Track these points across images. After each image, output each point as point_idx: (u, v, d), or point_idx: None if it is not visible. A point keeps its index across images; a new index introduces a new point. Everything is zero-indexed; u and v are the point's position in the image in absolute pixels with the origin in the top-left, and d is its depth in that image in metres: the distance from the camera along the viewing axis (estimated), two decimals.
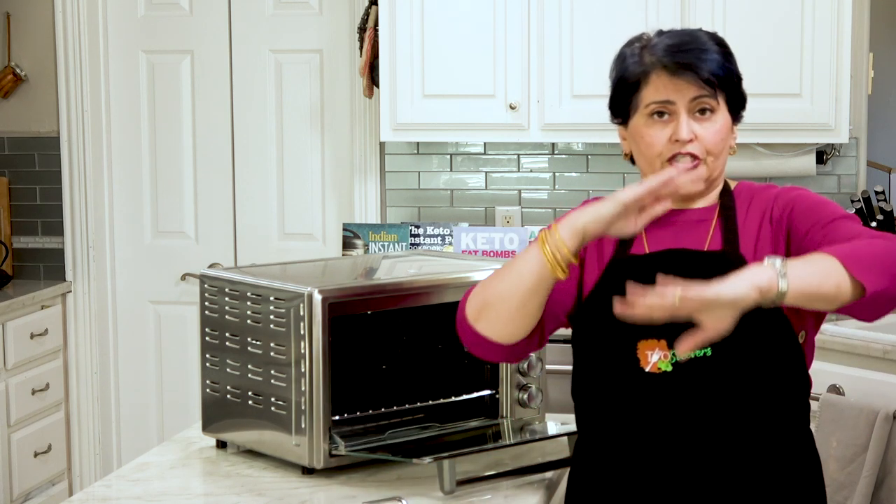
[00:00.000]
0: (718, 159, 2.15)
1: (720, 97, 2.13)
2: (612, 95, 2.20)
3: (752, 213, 2.17)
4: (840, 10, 4.06)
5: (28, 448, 4.63)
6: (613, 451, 2.18)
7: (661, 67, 2.11)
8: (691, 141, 2.10)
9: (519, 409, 2.64)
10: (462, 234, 4.49)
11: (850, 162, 4.47)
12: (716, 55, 2.12)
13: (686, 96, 2.10)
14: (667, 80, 2.10)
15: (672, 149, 2.11)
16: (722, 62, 2.13)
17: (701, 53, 2.11)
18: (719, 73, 2.11)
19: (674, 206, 2.17)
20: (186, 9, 4.92)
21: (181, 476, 2.47)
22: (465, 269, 2.65)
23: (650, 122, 2.13)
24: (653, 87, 2.12)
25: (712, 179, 2.16)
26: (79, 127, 4.91)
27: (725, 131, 2.14)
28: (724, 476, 2.12)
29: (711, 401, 2.10)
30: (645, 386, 2.11)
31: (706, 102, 2.11)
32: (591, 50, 4.20)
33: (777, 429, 2.15)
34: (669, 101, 2.11)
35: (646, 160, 2.16)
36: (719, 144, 2.13)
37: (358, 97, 4.69)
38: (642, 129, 2.14)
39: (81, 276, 4.95)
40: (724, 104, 2.14)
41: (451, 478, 2.29)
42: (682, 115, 2.11)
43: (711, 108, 2.12)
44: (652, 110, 2.12)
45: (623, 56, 2.17)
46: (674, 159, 2.11)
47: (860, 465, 3.35)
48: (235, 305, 2.53)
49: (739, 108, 2.18)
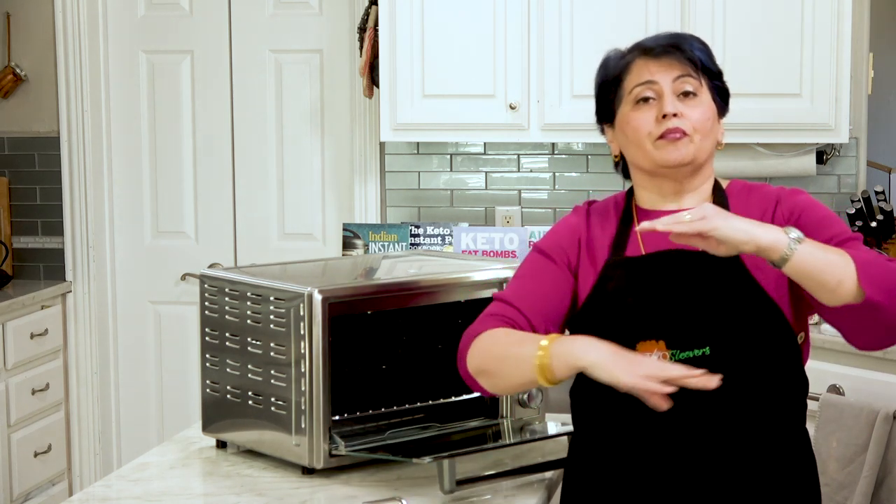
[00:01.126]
0: (706, 139, 2.16)
1: (703, 81, 2.16)
2: (597, 98, 2.25)
3: (748, 211, 2.17)
4: (840, 10, 4.06)
5: (28, 448, 4.63)
6: (610, 451, 2.19)
7: (643, 53, 2.17)
8: (677, 115, 2.13)
9: (519, 409, 2.64)
10: (462, 234, 4.49)
11: (850, 162, 4.46)
12: (697, 45, 2.18)
13: (669, 75, 2.14)
14: (649, 62, 2.16)
15: (660, 127, 2.14)
16: (703, 51, 2.18)
17: (681, 40, 2.18)
18: (701, 56, 2.16)
19: (667, 207, 2.18)
20: (186, 9, 4.92)
21: (181, 476, 2.47)
22: (465, 269, 2.66)
23: (636, 107, 2.17)
24: (636, 73, 2.17)
25: (699, 162, 2.17)
26: (79, 127, 4.91)
27: (710, 114, 2.17)
28: (719, 476, 2.12)
29: (709, 400, 2.10)
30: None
31: (689, 82, 2.15)
32: (591, 50, 4.16)
33: (774, 428, 2.15)
34: (653, 81, 2.15)
35: (635, 146, 2.17)
36: (706, 124, 2.15)
37: (358, 97, 4.69)
38: (628, 115, 2.17)
39: (81, 276, 4.95)
40: (707, 91, 2.17)
41: (451, 478, 2.29)
42: (666, 93, 2.14)
43: (695, 92, 2.15)
44: (637, 95, 2.16)
45: (605, 59, 2.24)
46: (663, 137, 2.13)
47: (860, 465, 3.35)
48: (235, 305, 2.53)
49: (723, 100, 2.21)
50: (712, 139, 2.18)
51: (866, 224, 4.29)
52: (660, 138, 2.13)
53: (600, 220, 2.24)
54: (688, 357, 2.09)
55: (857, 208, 4.29)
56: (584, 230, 2.24)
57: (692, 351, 2.09)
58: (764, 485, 2.13)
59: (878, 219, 4.29)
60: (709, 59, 2.19)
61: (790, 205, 2.17)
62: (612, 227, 2.22)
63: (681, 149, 2.13)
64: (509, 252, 4.44)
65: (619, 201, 2.27)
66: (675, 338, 2.10)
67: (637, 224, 2.19)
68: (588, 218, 2.25)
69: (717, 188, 2.22)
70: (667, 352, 2.10)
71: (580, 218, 2.26)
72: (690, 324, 2.10)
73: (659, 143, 2.14)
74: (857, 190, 4.42)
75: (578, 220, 2.26)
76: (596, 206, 2.28)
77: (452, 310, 2.64)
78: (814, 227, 2.11)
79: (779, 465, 2.15)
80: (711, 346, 2.09)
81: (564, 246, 2.23)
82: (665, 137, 2.13)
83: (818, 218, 2.14)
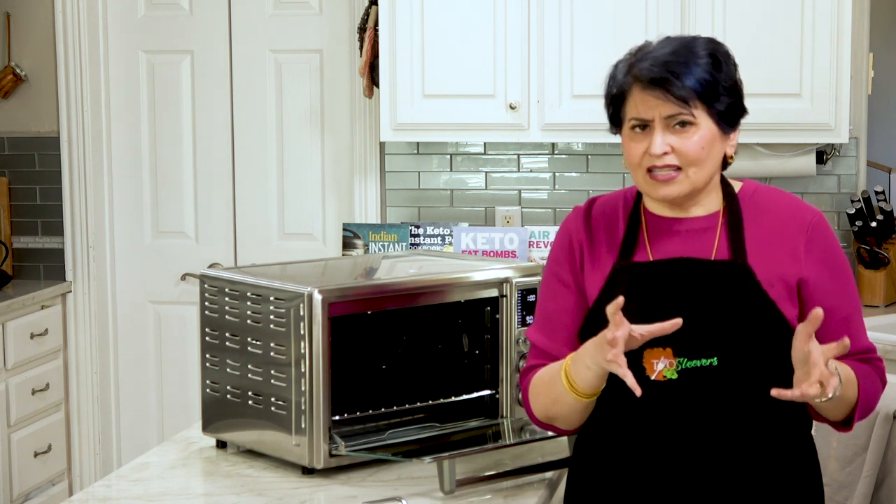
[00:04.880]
0: (702, 169, 2.12)
1: (700, 110, 2.09)
2: (607, 107, 2.21)
3: (765, 221, 2.15)
4: (840, 10, 4.05)
5: (28, 448, 4.63)
6: (615, 455, 2.18)
7: (637, 83, 2.11)
8: (666, 154, 2.10)
9: (519, 409, 2.64)
10: (462, 234, 4.49)
11: (850, 162, 4.46)
12: (700, 69, 2.09)
13: (661, 113, 2.09)
14: (642, 96, 2.10)
15: (648, 161, 2.11)
16: (704, 76, 2.09)
17: (682, 68, 2.08)
18: (697, 88, 2.08)
19: (675, 215, 2.17)
20: (186, 9, 4.92)
21: (181, 476, 2.47)
22: (465, 269, 2.65)
23: (632, 134, 2.14)
24: (632, 103, 2.12)
25: (698, 189, 2.15)
26: (79, 127, 4.90)
27: (707, 142, 2.11)
28: (726, 482, 2.12)
29: (716, 409, 2.10)
30: (650, 394, 2.09)
31: (682, 117, 2.10)
32: (591, 50, 4.20)
33: (780, 436, 2.15)
34: (644, 119, 2.11)
35: (632, 170, 2.17)
36: (700, 154, 2.10)
37: (358, 97, 4.69)
38: (626, 140, 2.16)
39: (81, 276, 4.95)
40: (706, 116, 2.10)
41: (451, 478, 2.29)
42: (657, 130, 2.10)
43: (690, 122, 2.10)
44: (632, 125, 2.13)
45: (614, 68, 2.18)
46: (651, 172, 2.11)
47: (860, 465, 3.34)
48: (235, 305, 2.53)
49: (732, 116, 2.15)
50: (712, 164, 2.14)
51: (866, 224, 4.30)
52: (649, 173, 2.11)
53: (606, 220, 2.22)
54: (695, 366, 2.09)
55: (857, 208, 4.29)
56: (584, 233, 2.22)
57: (700, 360, 2.09)
58: (769, 491, 2.13)
59: (878, 219, 4.29)
60: (708, 82, 2.10)
61: (820, 251, 2.16)
62: (619, 228, 2.20)
63: (673, 186, 2.11)
64: (509, 252, 4.44)
65: (628, 200, 2.24)
66: (682, 346, 2.08)
67: (646, 229, 2.18)
68: (588, 220, 2.23)
69: (729, 196, 2.19)
70: (674, 359, 2.09)
71: (578, 222, 2.24)
72: (699, 333, 2.08)
73: (650, 179, 2.12)
74: (857, 190, 4.42)
75: (576, 224, 2.24)
76: (601, 203, 2.25)
77: (452, 310, 2.64)
78: (834, 287, 2.14)
79: (784, 472, 2.15)
80: (719, 356, 2.08)
81: (566, 261, 2.23)
82: (655, 176, 2.11)
83: (838, 286, 2.16)
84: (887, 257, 4.29)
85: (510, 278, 2.62)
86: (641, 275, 2.13)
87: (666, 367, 2.09)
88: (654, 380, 2.10)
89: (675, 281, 2.11)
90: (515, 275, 2.63)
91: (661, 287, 2.11)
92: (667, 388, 2.10)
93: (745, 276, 2.08)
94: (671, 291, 2.10)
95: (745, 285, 2.09)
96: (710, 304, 2.09)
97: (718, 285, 2.09)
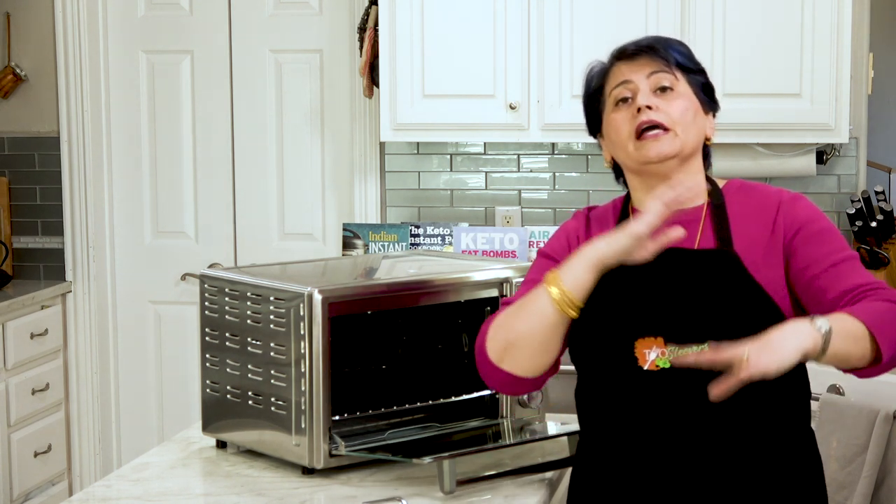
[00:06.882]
0: (689, 132, 2.16)
1: (680, 75, 2.17)
2: (585, 111, 2.27)
3: (746, 210, 2.18)
4: (840, 11, 4.06)
5: (28, 448, 4.63)
6: (615, 449, 2.19)
7: (618, 57, 2.20)
8: (651, 108, 2.14)
9: (519, 409, 2.64)
10: (462, 234, 4.49)
11: (850, 162, 4.46)
12: (674, 45, 2.20)
13: (643, 73, 2.16)
14: (624, 65, 2.19)
15: (635, 123, 2.15)
16: (684, 52, 2.20)
17: (655, 42, 2.20)
18: (678, 58, 2.18)
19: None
20: (186, 9, 4.92)
21: (181, 476, 2.47)
22: (465, 269, 2.65)
23: (616, 109, 2.19)
24: (613, 77, 2.20)
25: (686, 153, 2.17)
26: (79, 127, 4.91)
27: (691, 106, 2.17)
28: (725, 473, 2.12)
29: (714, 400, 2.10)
30: (644, 384, 2.12)
31: (664, 77, 2.16)
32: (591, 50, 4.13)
33: (778, 426, 2.15)
34: (628, 80, 2.17)
35: (620, 147, 2.19)
36: (685, 115, 2.16)
37: (358, 97, 4.69)
38: (610, 117, 2.20)
39: (81, 276, 4.95)
40: (686, 85, 2.18)
41: (451, 478, 2.29)
42: (641, 90, 2.16)
43: (671, 86, 2.17)
44: (616, 97, 2.18)
45: (588, 72, 2.27)
46: (642, 134, 2.14)
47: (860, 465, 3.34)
48: (235, 305, 2.53)
49: (709, 95, 2.22)
50: (696, 131, 2.18)
51: (866, 224, 4.30)
52: (639, 137, 2.15)
53: (600, 224, 2.27)
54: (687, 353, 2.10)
55: (857, 208, 4.29)
56: (584, 232, 2.28)
57: (690, 347, 2.10)
58: (770, 483, 2.13)
59: (878, 219, 4.29)
60: (686, 58, 2.20)
61: (791, 216, 2.17)
62: (610, 227, 2.24)
63: (663, 143, 2.14)
64: (509, 252, 4.44)
65: (617, 205, 2.30)
66: (673, 334, 2.10)
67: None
68: (588, 222, 2.29)
69: (713, 188, 2.22)
70: (665, 348, 2.10)
71: (580, 222, 2.30)
72: (688, 320, 2.10)
73: (639, 142, 2.15)
74: (857, 190, 4.42)
75: (578, 223, 2.30)
76: (596, 212, 2.31)
77: (452, 310, 2.64)
78: (812, 242, 2.13)
79: (784, 463, 2.15)
80: (711, 343, 2.09)
81: (566, 247, 2.26)
82: (643, 136, 2.14)
83: (816, 231, 2.15)
84: (887, 257, 4.30)
85: (510, 278, 2.62)
86: (629, 267, 2.14)
87: (658, 356, 2.11)
88: (647, 370, 2.11)
89: (663, 271, 2.13)
90: (515, 275, 2.63)
91: (650, 277, 2.13)
92: (661, 377, 2.11)
93: (731, 264, 2.10)
94: (660, 281, 2.13)
95: (733, 273, 2.11)
96: (699, 291, 2.11)
97: (706, 274, 2.11)
